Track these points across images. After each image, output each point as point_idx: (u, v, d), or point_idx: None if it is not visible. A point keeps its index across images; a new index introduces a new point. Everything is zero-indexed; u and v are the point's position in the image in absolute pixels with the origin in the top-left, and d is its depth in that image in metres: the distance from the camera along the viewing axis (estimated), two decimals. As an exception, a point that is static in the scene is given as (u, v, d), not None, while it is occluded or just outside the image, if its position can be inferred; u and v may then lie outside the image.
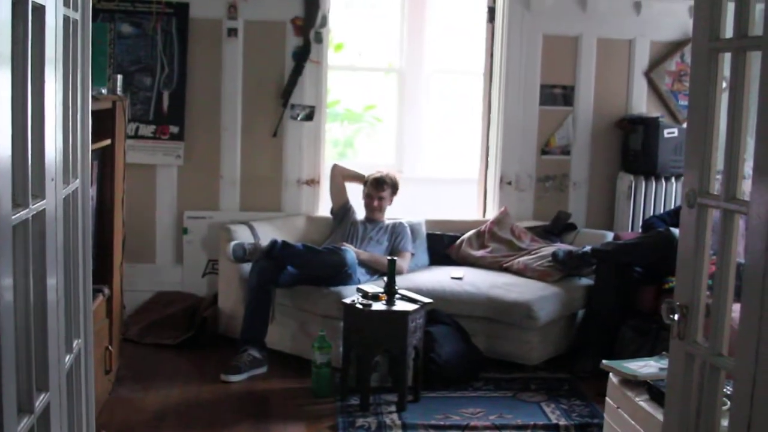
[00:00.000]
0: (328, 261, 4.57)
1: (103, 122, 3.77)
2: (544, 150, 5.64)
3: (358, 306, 4.09)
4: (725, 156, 1.79)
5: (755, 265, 1.59)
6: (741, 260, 1.75)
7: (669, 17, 5.58)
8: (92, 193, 3.66)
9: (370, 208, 5.11)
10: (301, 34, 5.32)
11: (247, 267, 4.71)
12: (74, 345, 2.24)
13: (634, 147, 5.51)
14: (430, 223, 5.42)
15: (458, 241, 5.35)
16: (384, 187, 5.08)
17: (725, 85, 1.83)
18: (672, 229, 4.60)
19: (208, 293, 5.34)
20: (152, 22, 5.22)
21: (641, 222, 5.37)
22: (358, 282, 4.63)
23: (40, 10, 1.79)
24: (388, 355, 4.25)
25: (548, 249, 5.02)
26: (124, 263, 4.38)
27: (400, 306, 4.11)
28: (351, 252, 4.68)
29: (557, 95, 5.61)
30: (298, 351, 4.63)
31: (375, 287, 4.33)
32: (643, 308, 4.59)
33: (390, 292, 4.16)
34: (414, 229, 5.21)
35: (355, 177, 5.24)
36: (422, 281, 4.74)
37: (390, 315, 4.07)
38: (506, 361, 4.63)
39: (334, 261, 4.56)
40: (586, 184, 5.69)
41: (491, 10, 5.60)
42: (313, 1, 5.28)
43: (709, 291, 1.87)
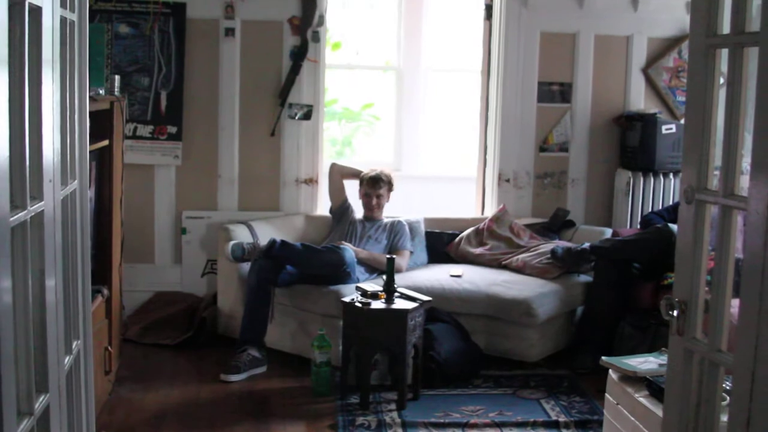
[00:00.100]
0: (327, 260, 4.56)
1: (101, 123, 3.77)
2: (543, 147, 5.64)
3: (358, 304, 4.09)
4: (723, 152, 1.79)
5: (754, 261, 1.59)
6: (740, 256, 1.75)
7: (666, 13, 5.58)
8: (90, 194, 3.65)
9: (369, 207, 5.11)
10: (298, 33, 5.31)
11: (246, 266, 4.70)
12: (74, 346, 2.24)
13: (632, 143, 5.51)
14: (428, 221, 5.42)
15: (457, 239, 5.35)
16: (380, 184, 5.08)
17: (723, 81, 1.83)
18: (670, 225, 4.60)
19: (207, 293, 5.34)
20: (149, 23, 5.21)
21: (640, 218, 5.37)
22: (357, 280, 4.63)
23: (37, 11, 1.79)
24: (388, 353, 4.25)
25: (547, 246, 5.02)
26: (123, 264, 4.38)
27: (400, 304, 4.11)
28: (350, 251, 4.68)
29: (555, 92, 5.61)
30: (298, 350, 4.63)
31: (374, 286, 4.33)
32: (642, 304, 4.59)
33: (389, 290, 4.16)
34: (413, 227, 5.21)
35: (353, 174, 5.24)
36: (421, 279, 4.74)
37: (389, 313, 4.07)
38: (506, 359, 4.63)
39: (333, 260, 4.56)
40: (585, 181, 5.69)
41: (488, 8, 5.60)
42: (310, 1, 5.27)
43: (708, 287, 1.87)
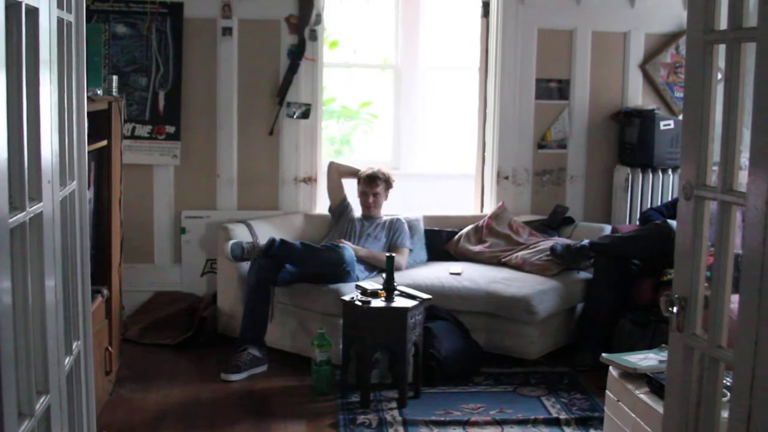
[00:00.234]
0: (327, 258, 4.56)
1: (99, 123, 3.77)
2: (541, 144, 5.63)
3: (358, 303, 4.09)
4: (721, 148, 1.79)
5: (753, 257, 1.59)
6: (739, 251, 1.75)
7: (663, 9, 5.57)
8: (90, 195, 3.65)
9: (366, 205, 5.11)
10: (295, 32, 5.31)
11: (245, 266, 4.70)
12: (74, 346, 2.24)
13: (630, 140, 5.51)
14: (428, 219, 5.42)
15: (456, 237, 5.35)
16: (377, 182, 5.08)
17: (720, 77, 1.83)
18: (669, 221, 4.61)
19: (207, 293, 5.34)
20: (147, 23, 5.21)
21: (639, 215, 5.38)
22: (357, 279, 4.63)
23: (33, 12, 1.79)
24: (388, 351, 4.25)
25: (546, 243, 5.02)
26: (123, 264, 4.38)
27: (400, 302, 4.11)
28: (349, 249, 4.67)
29: (553, 89, 5.61)
30: (298, 349, 4.63)
31: (374, 284, 4.33)
32: (641, 301, 4.59)
33: (389, 288, 4.16)
34: (412, 225, 5.21)
35: (350, 172, 5.24)
36: (421, 277, 4.74)
37: (389, 311, 4.07)
38: (506, 356, 4.63)
39: (333, 258, 4.56)
40: (583, 178, 5.69)
41: (485, 5, 5.60)
42: (307, -1, 5.28)
43: (708, 283, 1.87)
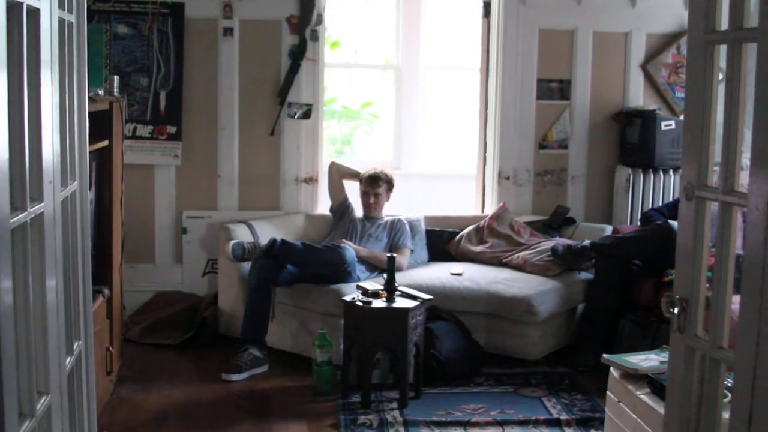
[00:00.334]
0: (328, 259, 4.56)
1: (100, 123, 3.77)
2: (542, 144, 5.63)
3: (358, 303, 4.08)
4: (723, 148, 1.78)
5: (754, 258, 1.59)
6: (740, 252, 1.75)
7: (664, 9, 5.57)
8: (91, 195, 3.65)
9: (367, 206, 5.10)
10: (296, 32, 5.31)
11: (246, 266, 4.71)
12: (75, 347, 2.24)
13: (631, 140, 5.51)
14: (429, 219, 5.42)
15: (457, 237, 5.35)
16: (379, 183, 5.08)
17: (721, 77, 1.83)
18: (670, 221, 4.60)
19: (208, 293, 5.34)
20: (148, 23, 5.21)
21: (640, 215, 5.37)
22: (358, 279, 4.63)
23: (35, 13, 1.79)
24: (389, 352, 4.25)
25: (547, 243, 5.02)
26: (124, 264, 4.38)
27: (400, 303, 4.11)
28: (350, 249, 4.67)
29: (554, 89, 5.60)
30: (299, 349, 4.63)
31: (375, 284, 4.33)
32: (642, 301, 4.58)
33: (390, 289, 4.16)
34: (413, 225, 5.21)
35: (351, 174, 5.24)
36: (422, 277, 4.73)
37: (390, 312, 4.07)
38: (507, 357, 4.63)
39: (334, 259, 4.56)
40: (584, 178, 5.68)
41: (487, 5, 5.60)
42: (308, 0, 5.27)
43: (709, 284, 1.87)
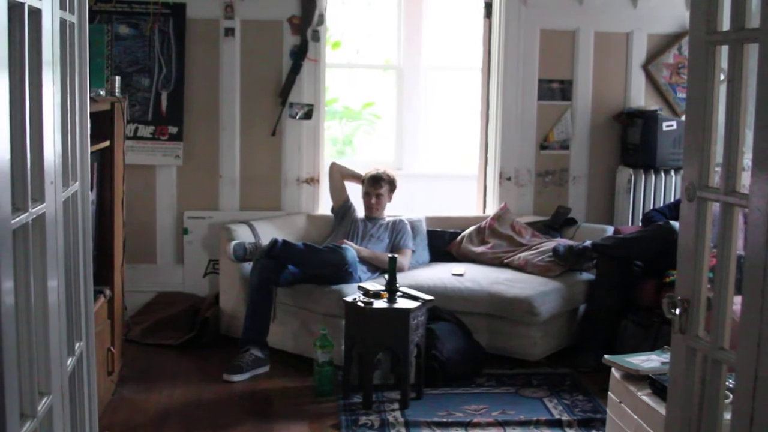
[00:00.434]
0: (329, 259, 4.56)
1: (101, 124, 3.77)
2: (543, 145, 5.63)
3: (360, 304, 4.08)
4: (724, 149, 1.78)
5: (756, 258, 1.59)
6: (741, 253, 1.74)
7: (666, 9, 5.57)
8: (92, 196, 3.66)
9: (369, 206, 5.10)
10: (298, 32, 5.31)
11: (248, 266, 4.71)
12: (76, 347, 2.24)
13: (633, 141, 5.51)
14: (430, 219, 5.42)
15: (459, 238, 5.35)
16: (381, 184, 5.07)
17: (723, 78, 1.83)
18: (672, 222, 4.60)
19: (209, 293, 5.34)
20: (149, 23, 5.21)
21: (641, 216, 5.37)
22: (359, 280, 4.63)
23: (36, 13, 1.79)
24: (390, 352, 4.25)
25: (549, 244, 5.02)
26: (125, 264, 4.39)
27: (402, 303, 4.11)
28: (351, 250, 4.67)
29: (555, 90, 5.60)
30: (300, 350, 4.63)
31: (376, 285, 4.33)
32: (644, 302, 4.58)
33: (391, 289, 4.16)
34: (414, 226, 5.21)
35: (353, 176, 5.23)
36: (423, 278, 4.73)
37: (391, 313, 4.07)
38: (508, 357, 4.63)
39: (335, 259, 4.56)
40: (586, 179, 5.68)
41: (488, 6, 5.60)
42: (309, 0, 5.27)
43: (710, 284, 1.87)
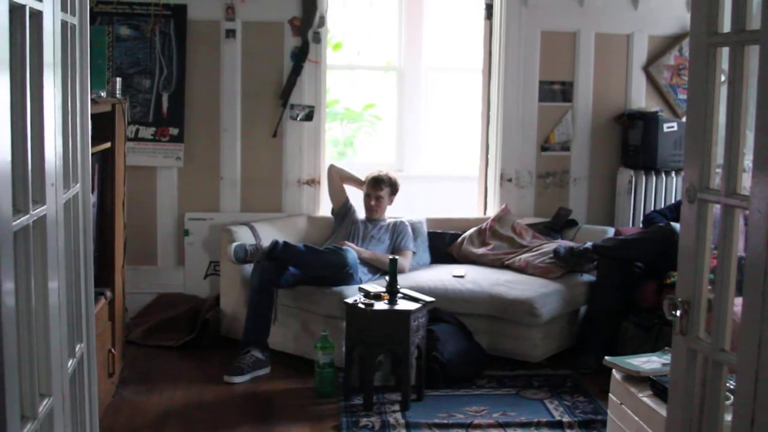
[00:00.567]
0: (330, 261, 4.56)
1: (102, 125, 3.78)
2: (544, 146, 5.63)
3: (361, 306, 4.08)
4: (725, 150, 1.78)
5: (756, 260, 1.59)
6: (742, 254, 1.74)
7: (666, 11, 5.57)
8: (93, 199, 3.66)
9: (368, 208, 5.10)
10: (299, 34, 5.31)
11: (248, 268, 4.71)
12: (77, 349, 2.24)
13: (633, 142, 5.51)
14: (431, 221, 5.42)
15: (459, 239, 5.35)
16: (381, 186, 5.06)
17: (724, 79, 1.83)
18: (673, 223, 4.60)
19: (210, 295, 5.34)
20: (150, 25, 5.22)
21: (642, 217, 5.37)
22: (360, 281, 4.63)
23: (37, 15, 1.79)
24: (391, 354, 4.25)
25: (549, 246, 5.02)
26: (126, 266, 4.39)
27: (403, 305, 4.10)
28: (352, 252, 4.67)
29: (556, 91, 5.60)
30: (301, 351, 4.63)
31: (377, 287, 4.33)
32: (645, 303, 4.58)
33: (392, 291, 4.16)
34: (415, 227, 5.21)
35: (352, 180, 5.23)
36: (424, 280, 4.73)
37: (392, 314, 4.07)
38: (509, 359, 4.63)
39: (336, 261, 4.56)
40: (587, 180, 5.68)
41: (489, 7, 5.60)
42: (310, 2, 5.28)
43: (711, 286, 1.87)
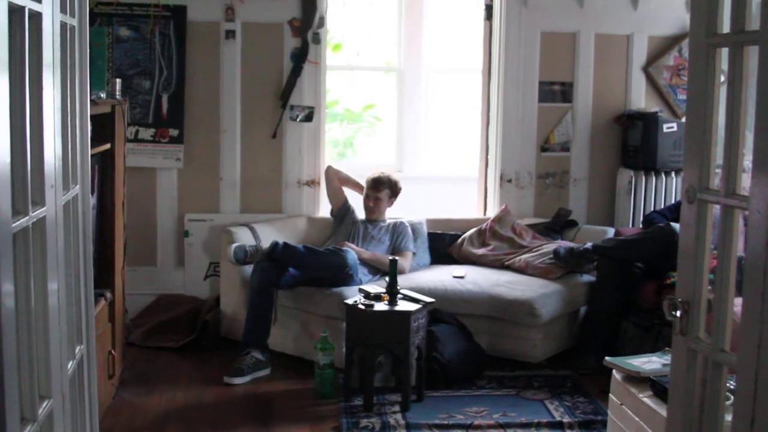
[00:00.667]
0: (329, 262, 4.56)
1: (102, 126, 3.78)
2: (544, 147, 5.63)
3: (361, 306, 4.08)
4: (724, 151, 1.78)
5: (756, 260, 1.59)
6: (742, 254, 1.74)
7: (666, 11, 5.57)
8: (93, 201, 3.65)
9: (366, 208, 5.10)
10: (298, 35, 5.31)
11: (248, 269, 4.71)
12: (77, 350, 2.24)
13: (633, 142, 5.51)
14: (431, 222, 5.42)
15: (459, 240, 5.35)
16: (381, 187, 5.06)
17: (723, 79, 1.83)
18: (673, 224, 4.60)
19: (210, 296, 5.33)
20: (150, 26, 5.22)
21: (642, 217, 5.37)
22: (360, 282, 4.63)
23: (37, 17, 1.79)
24: (391, 355, 4.24)
25: (549, 246, 5.02)
26: (126, 267, 4.39)
27: (403, 306, 4.10)
28: (352, 253, 4.67)
29: (556, 92, 5.60)
30: (301, 352, 4.63)
31: (377, 287, 4.33)
32: (645, 304, 4.58)
33: (392, 292, 4.16)
34: (415, 228, 5.20)
35: (350, 182, 5.23)
36: (424, 280, 4.73)
37: (392, 315, 4.07)
38: (509, 359, 4.63)
39: (335, 262, 4.56)
40: (586, 181, 5.68)
41: (488, 8, 5.60)
42: (310, 2, 5.28)
43: (711, 286, 1.87)
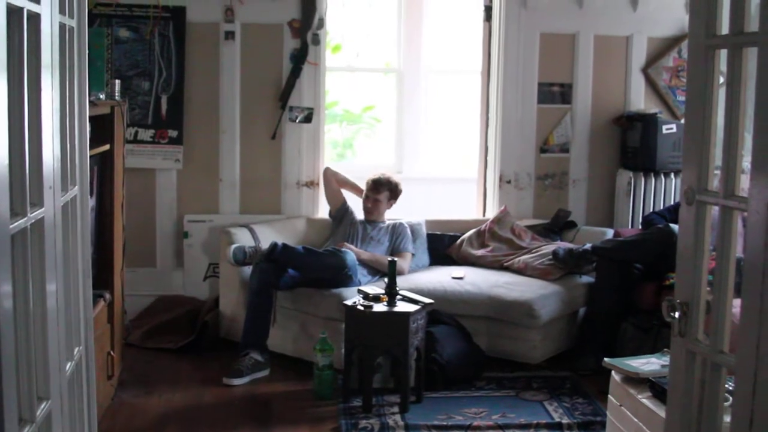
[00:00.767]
0: (329, 263, 4.56)
1: (101, 127, 3.78)
2: (543, 148, 5.63)
3: (360, 308, 4.08)
4: (723, 152, 1.78)
5: (755, 262, 1.59)
6: (740, 255, 1.74)
7: (665, 13, 5.57)
8: (92, 202, 3.65)
9: (365, 209, 5.10)
10: (298, 36, 5.31)
11: (247, 270, 4.70)
12: (75, 352, 2.24)
13: (632, 144, 5.51)
14: (430, 223, 5.41)
15: (458, 241, 5.35)
16: (380, 189, 5.05)
17: (722, 81, 1.83)
18: (671, 225, 4.60)
19: (209, 297, 5.33)
20: (149, 27, 5.22)
21: (641, 218, 5.37)
22: (359, 283, 4.63)
23: (35, 18, 1.80)
24: (390, 356, 4.24)
25: (549, 247, 5.02)
26: (125, 268, 4.38)
27: (402, 307, 4.10)
28: (351, 254, 4.67)
29: (555, 93, 5.60)
30: (300, 353, 4.63)
31: (376, 288, 4.33)
32: (644, 305, 4.58)
33: (391, 293, 4.16)
34: (414, 229, 5.20)
35: (348, 184, 5.23)
36: (423, 281, 4.73)
37: (391, 316, 4.07)
38: (508, 360, 4.62)
39: (335, 263, 4.56)
40: (586, 182, 5.68)
41: (488, 9, 5.59)
42: (309, 3, 5.28)
43: (710, 287, 1.87)
